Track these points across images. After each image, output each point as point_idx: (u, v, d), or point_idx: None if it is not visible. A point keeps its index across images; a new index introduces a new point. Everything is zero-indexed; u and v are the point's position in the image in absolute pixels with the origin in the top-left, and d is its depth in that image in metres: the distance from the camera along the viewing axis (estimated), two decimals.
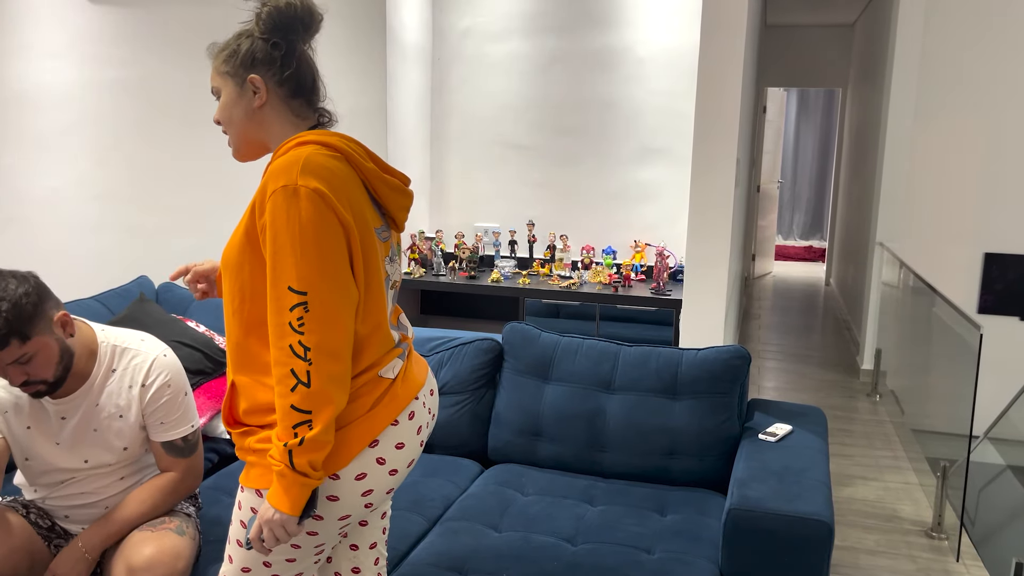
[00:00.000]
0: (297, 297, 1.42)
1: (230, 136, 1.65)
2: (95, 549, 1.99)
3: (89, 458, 2.05)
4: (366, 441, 1.53)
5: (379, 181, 1.60)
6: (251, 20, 1.62)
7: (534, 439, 2.71)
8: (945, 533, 3.33)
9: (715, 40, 3.53)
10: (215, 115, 1.65)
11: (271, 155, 1.63)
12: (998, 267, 4.72)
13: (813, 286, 8.98)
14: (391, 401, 1.58)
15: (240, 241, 1.52)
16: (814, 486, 2.13)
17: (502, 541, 2.20)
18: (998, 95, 4.65)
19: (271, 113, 1.62)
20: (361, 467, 1.52)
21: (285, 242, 1.43)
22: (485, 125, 5.12)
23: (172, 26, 4.45)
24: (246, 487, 1.55)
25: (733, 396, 2.59)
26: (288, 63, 1.61)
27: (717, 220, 3.63)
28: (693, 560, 2.11)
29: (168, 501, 2.09)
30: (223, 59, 1.61)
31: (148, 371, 2.07)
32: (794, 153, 11.98)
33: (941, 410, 4.02)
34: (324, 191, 1.44)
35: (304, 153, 1.48)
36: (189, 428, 2.13)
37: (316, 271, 1.43)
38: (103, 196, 4.67)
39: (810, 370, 5.69)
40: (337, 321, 1.44)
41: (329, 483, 1.51)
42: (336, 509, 1.53)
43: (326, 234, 1.44)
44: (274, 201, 1.44)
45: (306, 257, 1.42)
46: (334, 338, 1.44)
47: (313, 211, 1.43)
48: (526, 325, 2.85)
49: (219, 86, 1.62)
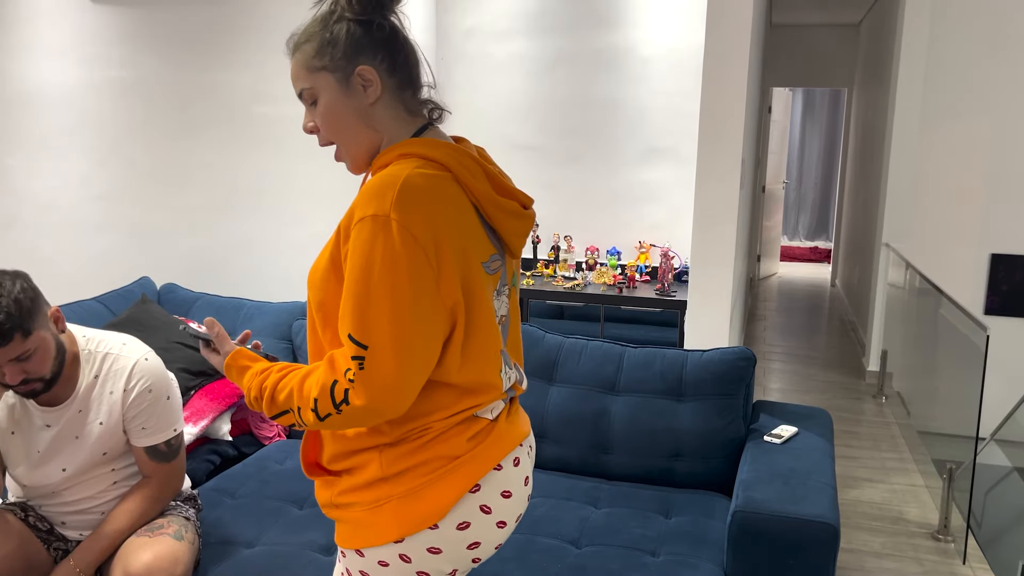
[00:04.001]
0: (356, 349, 1.22)
1: (341, 146, 1.37)
2: (90, 567, 1.96)
3: (67, 466, 2.02)
4: (467, 486, 1.33)
5: (492, 205, 1.36)
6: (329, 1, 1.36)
7: (538, 441, 2.69)
8: (951, 535, 3.30)
9: (720, 40, 3.51)
10: (309, 122, 1.37)
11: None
12: (1005, 268, 4.69)
13: (819, 287, 8.95)
14: (496, 442, 1.37)
15: (325, 268, 1.32)
16: (820, 488, 2.11)
17: (506, 543, 2.19)
18: (1005, 95, 4.63)
19: (384, 111, 1.36)
20: (463, 515, 1.34)
21: (360, 282, 1.22)
22: (489, 125, 5.11)
23: (175, 26, 4.44)
24: (344, 549, 1.39)
25: (738, 398, 2.57)
26: (397, 46, 1.36)
27: (722, 221, 3.61)
28: (698, 563, 2.09)
29: (155, 508, 2.07)
30: (314, 52, 1.33)
31: (129, 375, 2.03)
32: (799, 153, 11.95)
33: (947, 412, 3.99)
34: (419, 228, 1.22)
35: (403, 174, 1.25)
36: (172, 432, 2.09)
37: (386, 326, 1.21)
38: (104, 197, 4.66)
39: (815, 372, 5.66)
40: (391, 392, 1.23)
41: (428, 534, 1.32)
42: (442, 562, 1.35)
43: (411, 283, 1.22)
44: (360, 231, 1.22)
45: (377, 307, 1.21)
46: (379, 410, 1.24)
47: (402, 253, 1.21)
48: (530, 326, 2.84)
49: (312, 86, 1.34)
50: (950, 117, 4.78)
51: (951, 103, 4.76)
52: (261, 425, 3.00)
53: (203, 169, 4.53)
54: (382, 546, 1.34)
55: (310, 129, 1.37)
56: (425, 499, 1.32)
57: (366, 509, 1.34)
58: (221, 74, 4.42)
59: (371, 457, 1.34)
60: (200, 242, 4.60)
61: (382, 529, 1.33)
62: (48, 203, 4.75)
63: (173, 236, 4.63)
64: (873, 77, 6.71)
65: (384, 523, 1.33)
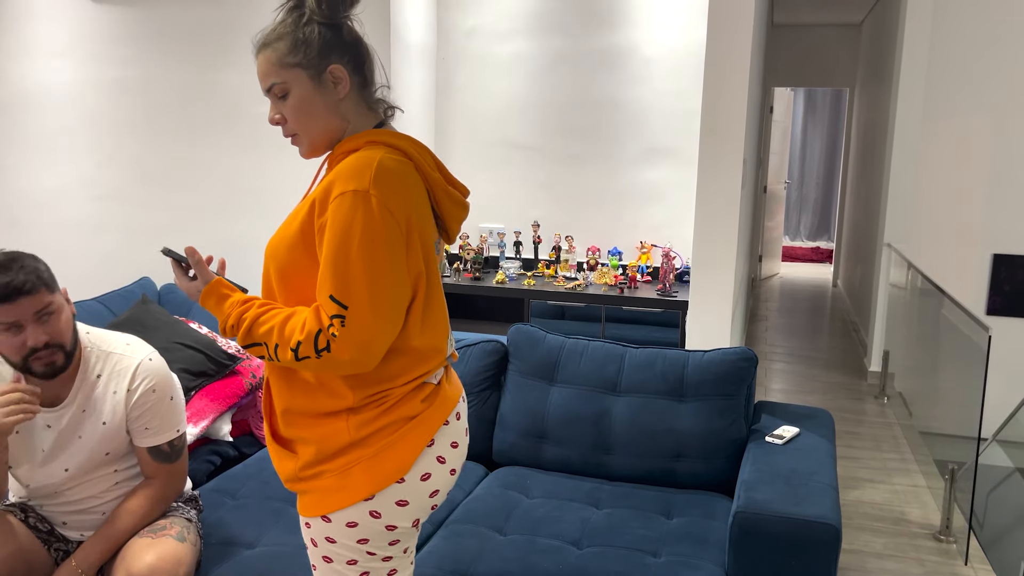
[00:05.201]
0: (336, 308, 1.36)
1: (303, 135, 1.49)
2: (92, 567, 1.96)
3: (70, 466, 2.01)
4: (424, 441, 1.48)
5: (443, 192, 1.52)
6: (291, 3, 1.47)
7: (539, 442, 2.69)
8: (953, 536, 3.30)
9: (722, 39, 3.51)
10: (276, 114, 1.49)
11: (330, 151, 1.54)
12: (1007, 268, 4.69)
13: (820, 287, 8.94)
14: (442, 402, 1.53)
15: (293, 237, 1.44)
16: (821, 489, 2.11)
17: (507, 544, 2.19)
18: (1007, 95, 4.62)
19: (350, 106, 1.50)
20: (425, 467, 1.49)
21: (341, 248, 1.35)
22: (490, 125, 5.10)
23: (175, 26, 4.44)
24: (308, 518, 1.49)
25: (740, 398, 2.57)
26: (361, 49, 1.50)
27: (724, 221, 3.61)
28: (700, 563, 2.09)
29: (158, 508, 2.07)
30: (286, 50, 1.44)
31: (133, 375, 2.03)
32: (801, 153, 11.94)
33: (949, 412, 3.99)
34: (394, 204, 1.37)
35: (376, 157, 1.39)
36: (175, 433, 2.09)
37: (365, 288, 1.35)
38: (105, 197, 4.66)
39: (817, 372, 5.66)
40: (370, 347, 1.37)
41: (396, 488, 1.46)
42: (408, 513, 1.49)
43: (387, 251, 1.37)
44: (340, 203, 1.36)
45: (357, 270, 1.35)
46: (358, 362, 1.38)
47: (381, 224, 1.36)
48: (531, 327, 2.83)
49: (284, 81, 1.45)
50: (952, 117, 4.77)
51: (953, 103, 4.75)
52: (261, 426, 3.00)
53: (204, 169, 4.53)
54: (351, 507, 1.45)
55: (277, 121, 1.49)
56: (391, 457, 1.45)
57: (336, 475, 1.45)
58: (221, 74, 4.42)
59: (339, 427, 1.46)
60: (200, 242, 4.60)
61: (353, 491, 1.44)
62: (48, 203, 4.76)
63: (174, 236, 4.63)
64: (875, 77, 6.70)
65: (355, 484, 1.44)
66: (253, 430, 2.98)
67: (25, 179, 4.76)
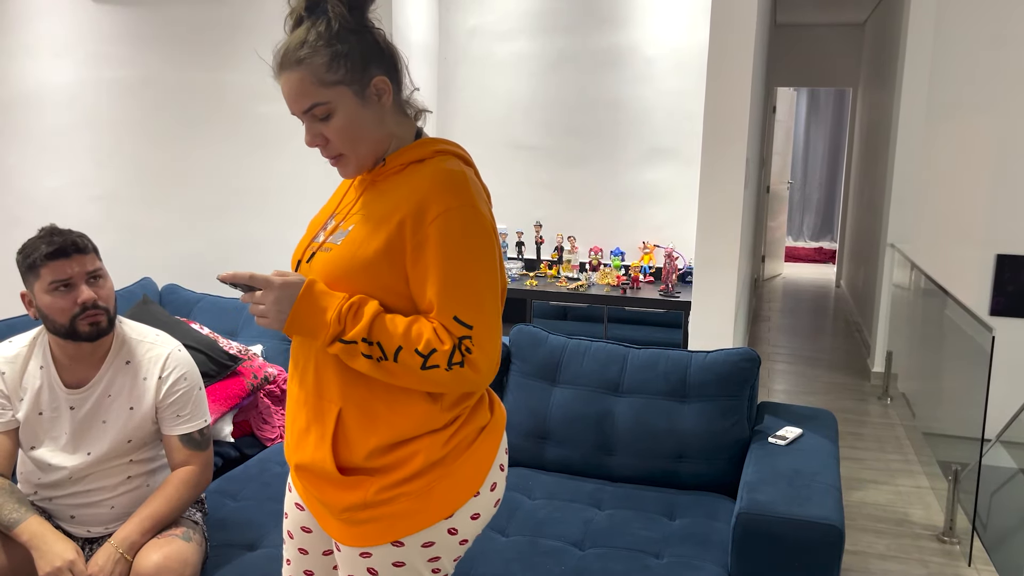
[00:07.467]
0: (462, 329, 1.30)
1: (351, 155, 1.38)
2: (133, 547, 1.95)
3: (92, 451, 2.04)
4: (495, 451, 1.46)
5: (487, 199, 1.49)
6: (294, 7, 1.35)
7: (541, 442, 2.68)
8: (957, 537, 3.29)
9: (724, 39, 3.49)
10: (316, 136, 1.36)
11: (382, 160, 1.43)
12: (1010, 269, 4.67)
13: (823, 288, 8.93)
14: (499, 407, 1.53)
15: (376, 255, 1.32)
16: (824, 490, 2.10)
17: (509, 545, 2.18)
18: (1010, 94, 4.61)
19: (393, 115, 1.41)
20: (493, 477, 1.46)
21: (461, 268, 1.29)
22: (492, 125, 5.10)
23: (176, 25, 4.44)
24: (372, 547, 1.38)
25: (742, 399, 2.56)
26: (393, 52, 1.40)
27: (726, 221, 3.60)
28: (702, 564, 2.08)
29: (192, 494, 2.08)
30: (324, 66, 1.31)
31: (164, 364, 2.08)
32: (804, 154, 11.92)
33: (953, 413, 3.97)
34: (489, 216, 1.35)
35: (460, 168, 1.34)
36: (203, 422, 2.14)
37: (490, 308, 1.33)
38: (105, 197, 4.66)
39: (820, 373, 5.65)
40: (495, 364, 1.34)
41: (472, 502, 1.41)
42: (479, 525, 1.46)
43: (493, 264, 1.33)
44: (447, 221, 1.28)
45: (482, 291, 1.31)
46: (488, 379, 1.34)
47: (488, 239, 1.33)
48: (533, 327, 2.82)
49: (328, 101, 1.33)
50: (955, 117, 4.76)
51: (956, 103, 4.74)
52: (263, 427, 2.99)
53: (204, 169, 4.53)
54: (430, 527, 1.38)
55: (317, 144, 1.36)
56: (468, 472, 1.41)
57: (414, 497, 1.37)
58: (222, 74, 4.41)
59: (417, 448, 1.37)
60: (202, 242, 4.59)
61: (433, 511, 1.38)
62: (49, 203, 4.75)
63: (174, 236, 4.62)
64: (878, 77, 6.69)
65: (435, 504, 1.38)
66: (254, 431, 2.98)
67: (25, 179, 4.76)
